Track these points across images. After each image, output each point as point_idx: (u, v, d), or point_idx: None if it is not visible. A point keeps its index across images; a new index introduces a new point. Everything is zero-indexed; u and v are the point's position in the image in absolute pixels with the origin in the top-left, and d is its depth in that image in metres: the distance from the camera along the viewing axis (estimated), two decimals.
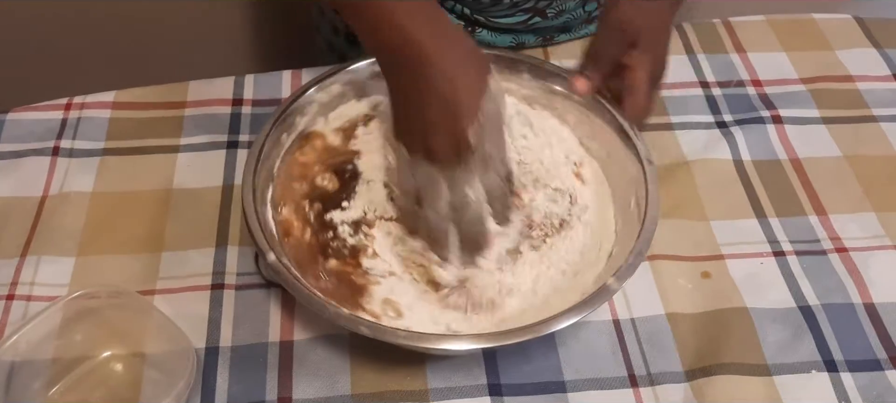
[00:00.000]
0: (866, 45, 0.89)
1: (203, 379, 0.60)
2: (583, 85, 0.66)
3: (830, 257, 0.69)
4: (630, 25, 0.65)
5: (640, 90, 0.65)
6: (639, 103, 0.66)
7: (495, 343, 0.57)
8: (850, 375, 0.62)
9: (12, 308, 0.63)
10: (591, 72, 0.66)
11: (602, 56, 0.66)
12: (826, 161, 0.77)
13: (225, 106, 0.79)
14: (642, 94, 0.65)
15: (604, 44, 0.66)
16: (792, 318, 0.65)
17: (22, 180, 0.72)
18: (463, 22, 0.85)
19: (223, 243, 0.68)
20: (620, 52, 0.65)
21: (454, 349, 0.58)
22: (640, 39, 0.65)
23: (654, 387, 0.61)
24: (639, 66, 0.65)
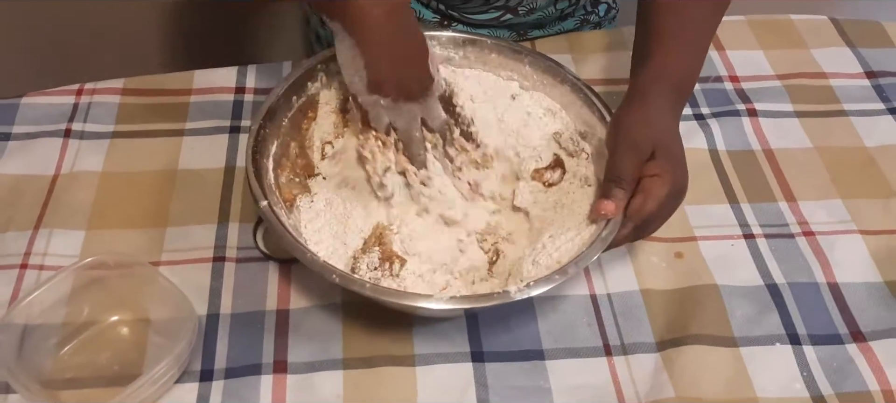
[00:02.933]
0: (840, 44, 0.93)
1: (204, 344, 0.64)
2: (610, 207, 0.62)
3: (798, 240, 0.73)
4: (648, 138, 0.63)
5: (654, 197, 0.61)
6: (645, 209, 0.62)
7: (473, 305, 0.60)
8: (812, 348, 0.66)
9: (25, 276, 0.67)
10: (617, 192, 0.62)
11: (624, 175, 0.62)
12: (797, 151, 0.81)
13: (228, 93, 0.83)
14: (653, 202, 0.62)
15: (623, 162, 0.63)
16: (759, 295, 0.69)
17: (35, 159, 0.76)
18: (438, 16, 0.89)
19: (224, 219, 0.72)
20: (640, 166, 0.63)
21: (433, 307, 0.60)
22: (657, 151, 0.63)
23: (627, 356, 0.65)
24: (663, 175, 0.62)
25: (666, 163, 0.63)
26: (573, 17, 0.94)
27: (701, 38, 0.70)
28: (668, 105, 0.66)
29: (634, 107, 0.65)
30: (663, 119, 0.66)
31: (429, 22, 0.90)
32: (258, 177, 0.64)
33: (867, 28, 0.95)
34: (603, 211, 0.62)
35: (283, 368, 0.62)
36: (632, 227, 0.63)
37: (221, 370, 0.62)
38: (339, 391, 0.61)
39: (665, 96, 0.66)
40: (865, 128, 0.83)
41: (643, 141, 0.63)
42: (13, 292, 0.66)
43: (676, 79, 0.67)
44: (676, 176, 0.63)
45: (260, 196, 0.63)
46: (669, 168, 0.63)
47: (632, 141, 0.63)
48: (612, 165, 0.64)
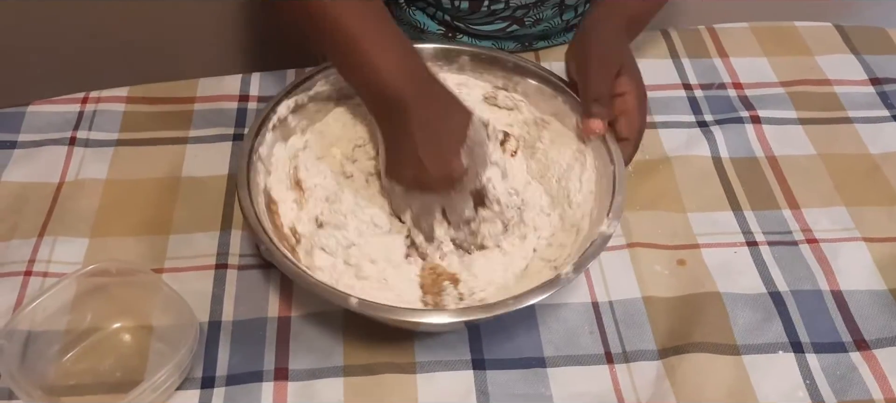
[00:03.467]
0: (845, 51, 0.92)
1: (206, 350, 0.64)
2: (599, 125, 0.67)
3: (801, 248, 0.73)
4: (614, 58, 0.70)
5: (634, 111, 0.69)
6: (634, 123, 0.69)
7: (471, 317, 0.60)
8: (816, 356, 0.65)
9: (29, 283, 0.67)
10: (599, 111, 0.68)
11: (602, 92, 0.68)
12: (801, 158, 0.81)
13: (232, 101, 0.83)
14: (636, 115, 0.69)
15: (597, 81, 0.68)
16: (762, 303, 0.68)
17: (41, 167, 0.76)
18: (444, 28, 0.89)
19: (227, 227, 0.72)
20: (612, 83, 0.69)
21: (433, 322, 0.61)
22: (623, 68, 0.69)
23: (628, 364, 0.64)
24: (629, 91, 0.69)
25: (630, 78, 0.70)
26: None
27: None
28: (622, 32, 0.74)
29: (594, 34, 0.72)
30: (621, 41, 0.73)
31: (433, 34, 0.90)
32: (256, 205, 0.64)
33: (872, 35, 0.95)
34: (595, 130, 0.67)
35: (284, 375, 0.63)
36: (633, 145, 0.69)
37: (223, 377, 0.63)
38: (339, 398, 0.62)
39: (618, 25, 0.73)
40: (870, 135, 0.83)
41: (611, 60, 0.69)
42: (17, 299, 0.66)
43: (627, 16, 0.75)
44: (639, 88, 0.70)
45: (261, 236, 0.61)
46: (633, 83, 0.70)
47: (602, 60, 0.69)
48: (587, 86, 0.69)
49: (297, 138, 0.72)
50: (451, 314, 0.62)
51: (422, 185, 0.64)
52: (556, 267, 0.64)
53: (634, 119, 0.69)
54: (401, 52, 0.64)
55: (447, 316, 0.61)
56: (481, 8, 0.85)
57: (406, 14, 0.89)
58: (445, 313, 0.62)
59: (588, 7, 0.92)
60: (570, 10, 0.90)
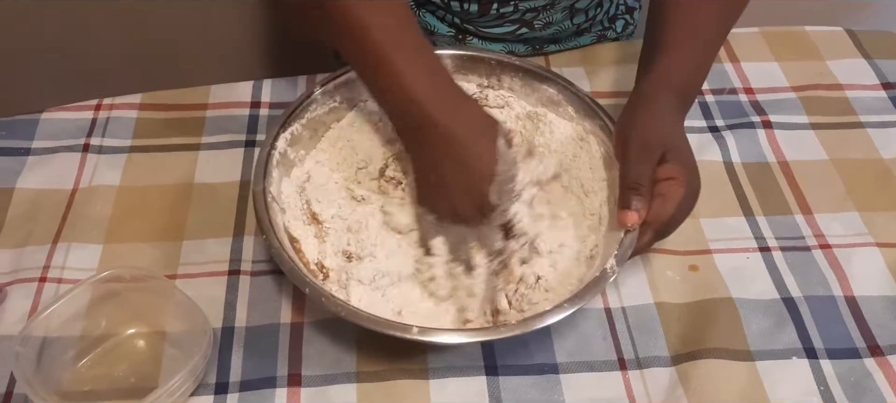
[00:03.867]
0: (856, 56, 0.92)
1: (219, 356, 0.64)
2: (633, 218, 0.61)
3: (814, 253, 0.73)
4: (658, 140, 0.63)
5: (671, 199, 0.62)
6: (663, 209, 0.62)
7: (492, 336, 0.60)
8: (830, 362, 0.65)
9: (44, 289, 0.68)
10: (638, 201, 0.62)
11: (642, 181, 0.62)
12: (813, 163, 0.80)
13: (244, 108, 0.84)
14: (670, 202, 0.62)
15: (636, 168, 0.63)
16: (775, 308, 0.68)
17: (54, 174, 0.77)
18: (454, 30, 0.89)
19: (240, 233, 0.72)
20: (654, 170, 0.63)
21: (454, 341, 0.61)
22: (668, 153, 0.63)
23: (642, 370, 0.64)
24: (677, 177, 0.62)
25: (679, 165, 0.63)
26: (590, 32, 0.94)
27: (706, 46, 0.71)
28: (672, 109, 0.66)
29: (639, 112, 0.65)
30: (670, 121, 0.66)
31: (444, 36, 0.90)
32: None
33: (883, 39, 0.94)
34: (628, 223, 0.62)
35: (297, 381, 0.63)
36: (652, 234, 0.63)
37: (236, 383, 0.63)
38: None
39: (669, 101, 0.66)
40: (882, 140, 0.83)
41: (654, 144, 0.63)
42: (32, 305, 0.67)
43: (680, 85, 0.67)
44: (690, 177, 0.64)
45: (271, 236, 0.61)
46: (683, 170, 0.63)
47: (643, 144, 0.63)
48: (627, 172, 0.64)
49: (299, 170, 0.71)
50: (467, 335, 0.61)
51: (454, 219, 0.64)
52: (592, 257, 0.65)
53: (667, 206, 0.62)
54: (432, 74, 0.62)
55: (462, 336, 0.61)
56: (490, 11, 0.85)
57: (417, 17, 0.89)
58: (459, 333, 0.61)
59: (599, 12, 0.92)
60: (580, 14, 0.90)
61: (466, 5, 0.85)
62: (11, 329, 0.65)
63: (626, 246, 0.62)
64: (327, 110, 0.73)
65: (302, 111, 0.71)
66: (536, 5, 0.86)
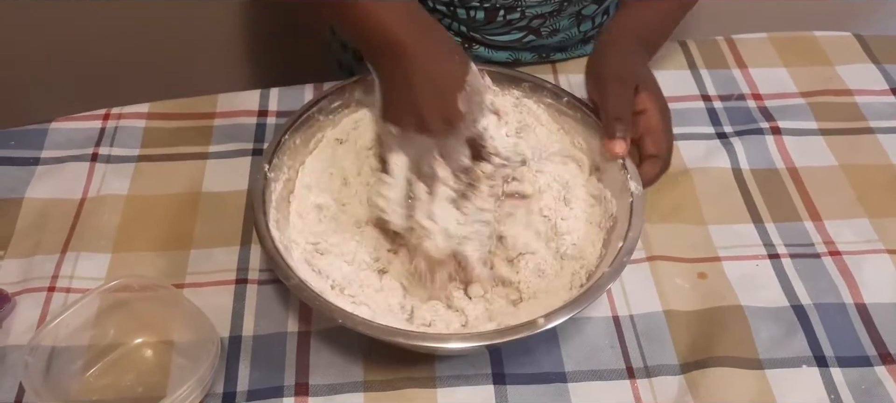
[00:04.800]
0: (865, 61, 0.92)
1: (227, 366, 0.64)
2: (621, 146, 0.67)
3: (824, 260, 0.72)
4: (631, 74, 0.69)
5: (659, 127, 0.69)
6: (660, 139, 0.69)
7: (491, 340, 0.59)
8: (840, 370, 0.64)
9: (53, 299, 0.68)
10: (622, 131, 0.67)
11: (623, 112, 0.68)
12: (822, 170, 0.80)
13: (251, 117, 0.84)
14: (661, 130, 0.69)
15: (617, 100, 0.68)
16: (785, 316, 0.68)
17: (63, 183, 0.77)
18: (460, 39, 0.89)
19: (247, 242, 0.72)
20: (632, 100, 0.69)
21: (456, 348, 0.61)
22: (641, 85, 0.69)
23: (650, 379, 0.64)
24: (650, 107, 0.69)
25: (650, 94, 0.69)
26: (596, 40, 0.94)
27: (667, 11, 0.78)
28: (638, 50, 0.73)
29: (609, 53, 0.71)
30: (638, 58, 0.72)
31: None
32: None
33: (892, 44, 0.94)
34: (617, 150, 0.67)
35: (304, 391, 0.63)
36: (661, 164, 0.69)
37: (244, 392, 0.63)
38: None
39: (633, 42, 0.73)
40: (892, 146, 0.82)
41: (628, 77, 0.69)
42: (41, 314, 0.67)
43: (641, 31, 0.74)
44: (661, 102, 0.70)
45: (287, 274, 0.60)
46: (653, 98, 0.69)
47: (619, 78, 0.69)
48: (607, 105, 0.68)
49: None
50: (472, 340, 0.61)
51: (419, 128, 0.63)
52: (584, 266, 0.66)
53: (659, 135, 0.69)
54: (403, 3, 0.63)
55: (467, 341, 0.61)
56: (497, 19, 0.85)
57: None
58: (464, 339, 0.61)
59: (605, 19, 0.92)
60: (586, 22, 0.90)
61: (473, 13, 0.85)
62: (20, 338, 0.65)
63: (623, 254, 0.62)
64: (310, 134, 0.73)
65: (282, 147, 0.70)
66: (543, 12, 0.86)
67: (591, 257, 0.67)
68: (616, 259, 0.62)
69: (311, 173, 0.72)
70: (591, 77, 0.72)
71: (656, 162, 0.68)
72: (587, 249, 0.67)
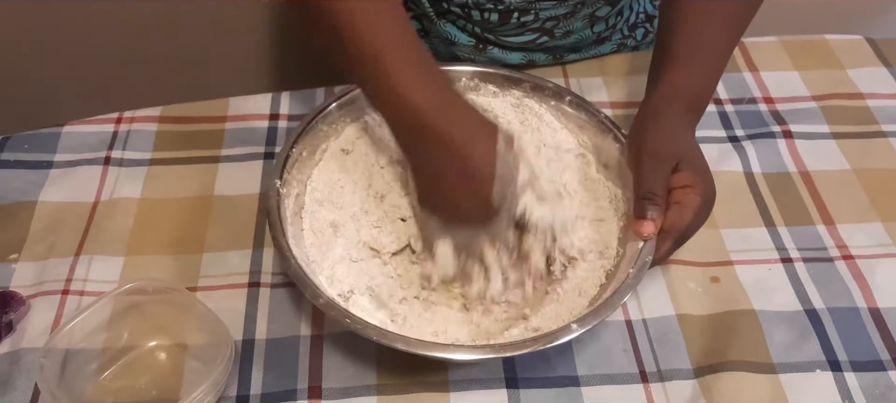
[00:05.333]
0: (877, 64, 0.92)
1: (240, 369, 0.64)
2: (649, 227, 0.62)
3: (837, 264, 0.72)
4: (670, 151, 0.64)
5: (688, 206, 0.62)
6: (681, 218, 0.62)
7: (510, 352, 0.59)
8: (854, 374, 0.64)
9: (67, 302, 0.68)
10: (653, 211, 0.62)
11: (654, 189, 0.63)
12: (834, 173, 0.80)
13: (262, 120, 0.84)
14: (688, 210, 0.62)
15: (650, 177, 0.63)
16: (798, 320, 0.68)
17: (76, 187, 0.77)
18: (474, 40, 0.89)
19: (259, 245, 0.73)
20: (668, 179, 0.64)
21: (469, 359, 0.61)
22: (682, 162, 0.64)
23: (663, 383, 0.64)
24: (693, 185, 0.63)
25: (693, 173, 0.64)
26: (610, 41, 0.94)
27: (715, 56, 0.71)
28: (682, 120, 0.67)
29: (650, 124, 0.66)
30: (681, 132, 0.66)
31: (464, 46, 0.90)
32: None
33: None
34: (644, 233, 0.62)
35: (317, 394, 0.63)
36: (671, 242, 0.63)
37: (257, 395, 0.63)
38: None
39: (678, 112, 0.67)
40: None
41: (667, 153, 0.64)
42: (55, 317, 0.67)
43: (689, 97, 0.68)
44: (705, 184, 0.64)
45: (314, 294, 0.60)
46: (698, 178, 0.64)
47: (656, 154, 0.64)
48: (640, 182, 0.64)
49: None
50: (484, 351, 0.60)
51: (461, 223, 0.63)
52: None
53: (684, 214, 0.62)
54: (429, 79, 0.61)
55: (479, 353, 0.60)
56: (511, 20, 0.85)
57: (437, 27, 0.89)
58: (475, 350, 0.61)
59: (618, 20, 0.92)
60: (600, 22, 0.90)
61: (487, 14, 0.85)
62: (35, 341, 0.65)
63: (645, 254, 0.62)
64: (315, 145, 0.73)
65: (291, 162, 0.70)
66: (556, 14, 0.86)
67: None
68: (637, 259, 0.62)
69: (319, 187, 0.71)
70: (631, 146, 0.67)
71: (665, 237, 0.63)
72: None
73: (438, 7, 0.87)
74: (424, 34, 0.93)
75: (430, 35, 0.92)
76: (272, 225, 0.64)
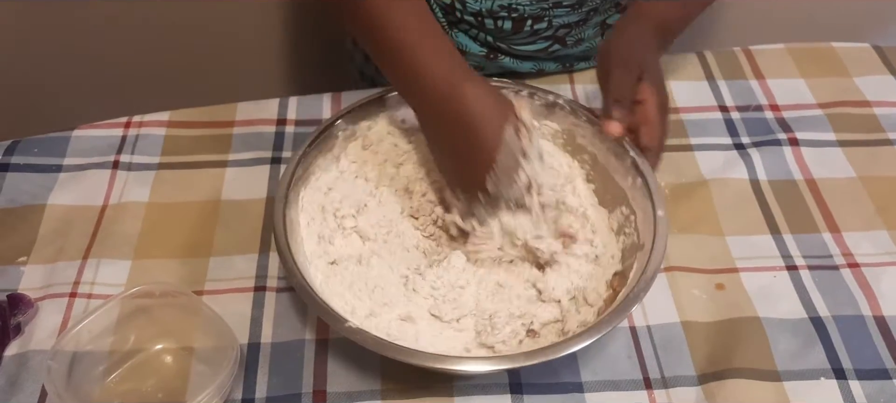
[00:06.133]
0: (884, 72, 0.91)
1: (246, 372, 0.65)
2: (616, 127, 0.69)
3: (842, 272, 0.72)
4: (636, 62, 0.70)
5: (655, 120, 0.70)
6: (655, 133, 0.70)
7: (516, 364, 0.59)
8: (859, 383, 0.64)
9: (75, 304, 0.69)
10: (619, 113, 0.69)
11: (622, 94, 0.70)
12: (841, 181, 0.80)
13: (270, 125, 0.85)
14: (657, 124, 0.70)
15: (618, 83, 0.70)
16: (803, 328, 0.68)
17: (85, 191, 0.78)
18: (486, 50, 0.90)
19: (266, 250, 0.73)
20: (634, 84, 0.70)
21: (478, 371, 0.62)
22: (644, 72, 0.70)
23: (667, 390, 0.64)
24: (650, 97, 0.70)
25: (652, 85, 0.70)
26: None
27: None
28: (649, 35, 0.73)
29: (618, 37, 0.73)
30: (647, 45, 0.73)
31: (475, 55, 0.90)
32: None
33: None
34: (613, 132, 0.69)
35: (322, 398, 0.63)
36: (655, 154, 0.70)
37: (262, 399, 0.63)
38: None
39: (645, 26, 0.74)
40: None
41: (633, 62, 0.70)
42: (63, 320, 0.68)
43: (658, 17, 0.75)
44: (662, 94, 0.71)
45: (337, 318, 0.60)
46: (655, 89, 0.70)
47: (623, 62, 0.70)
48: (609, 86, 0.70)
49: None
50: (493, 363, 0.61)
51: (463, 191, 0.68)
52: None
53: (655, 127, 0.70)
54: (448, 57, 0.65)
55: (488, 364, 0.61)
56: (524, 28, 0.86)
57: (449, 37, 0.90)
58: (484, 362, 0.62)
59: None
60: (611, 30, 0.90)
61: (501, 22, 0.85)
62: (43, 343, 0.66)
63: (652, 267, 0.62)
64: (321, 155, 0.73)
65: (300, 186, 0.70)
66: (569, 21, 0.86)
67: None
68: (644, 272, 0.62)
69: (315, 202, 0.72)
70: (600, 60, 0.73)
71: (650, 154, 0.70)
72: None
73: (451, 17, 0.87)
74: None
75: None
76: (280, 245, 0.64)
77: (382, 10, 0.66)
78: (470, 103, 0.63)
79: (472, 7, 0.85)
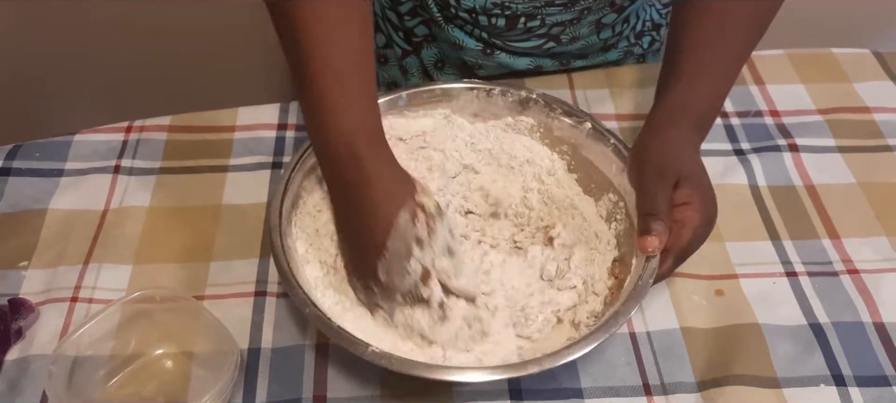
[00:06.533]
0: (883, 78, 0.92)
1: (246, 377, 0.65)
2: (652, 243, 0.61)
3: (842, 278, 0.72)
4: (672, 168, 0.64)
5: (688, 225, 0.62)
6: (681, 236, 0.62)
7: (514, 373, 0.59)
8: (858, 389, 0.64)
9: (75, 309, 0.69)
10: (657, 226, 0.62)
11: (659, 207, 0.63)
12: (840, 187, 0.80)
13: (271, 130, 0.85)
14: (687, 228, 0.62)
15: (655, 195, 0.63)
16: (802, 334, 0.68)
17: (86, 195, 0.78)
18: (481, 45, 0.90)
19: (266, 254, 0.73)
20: (670, 195, 0.63)
21: (475, 380, 0.60)
22: (682, 179, 0.64)
23: (667, 396, 0.64)
24: (692, 202, 0.63)
25: (694, 190, 0.64)
26: (616, 48, 0.95)
27: (724, 74, 0.71)
28: (687, 137, 0.67)
29: (654, 140, 0.66)
30: (685, 149, 0.66)
31: (472, 50, 0.91)
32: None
33: None
34: (649, 248, 0.62)
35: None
36: (672, 260, 0.63)
37: None
38: None
39: (684, 129, 0.67)
40: None
41: (669, 171, 0.64)
42: (64, 324, 0.68)
43: (695, 114, 0.68)
44: (706, 201, 0.64)
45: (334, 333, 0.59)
46: (698, 195, 0.64)
47: (659, 172, 0.64)
48: (643, 199, 0.64)
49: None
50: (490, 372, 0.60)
51: (355, 271, 0.65)
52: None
53: (683, 232, 0.62)
54: (360, 116, 0.61)
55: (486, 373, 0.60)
56: (517, 26, 0.86)
57: (445, 31, 0.90)
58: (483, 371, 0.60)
59: (625, 27, 0.92)
60: (606, 29, 0.90)
61: (494, 20, 0.86)
62: (44, 348, 0.66)
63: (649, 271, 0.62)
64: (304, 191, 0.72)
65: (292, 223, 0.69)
66: (563, 19, 0.86)
67: None
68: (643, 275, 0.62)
69: (309, 228, 0.71)
70: (634, 161, 0.67)
71: (666, 255, 0.62)
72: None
73: (447, 12, 0.88)
74: (432, 38, 0.93)
75: (437, 39, 0.93)
76: (279, 263, 0.63)
77: (310, 30, 0.60)
78: (365, 172, 0.60)
79: (466, 4, 0.85)
